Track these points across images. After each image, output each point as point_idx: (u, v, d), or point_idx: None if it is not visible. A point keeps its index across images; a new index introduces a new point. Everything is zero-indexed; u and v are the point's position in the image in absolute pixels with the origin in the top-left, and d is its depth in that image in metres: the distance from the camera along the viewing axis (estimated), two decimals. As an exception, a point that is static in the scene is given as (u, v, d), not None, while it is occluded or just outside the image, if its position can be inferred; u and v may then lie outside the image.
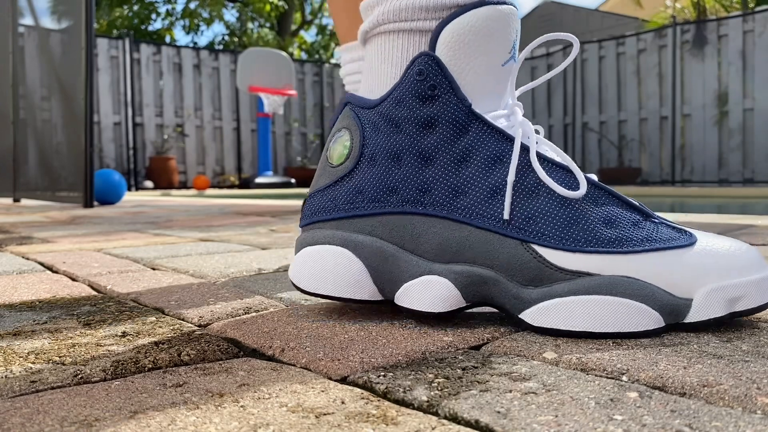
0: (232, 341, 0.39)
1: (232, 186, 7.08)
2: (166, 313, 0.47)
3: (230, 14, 12.26)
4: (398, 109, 0.41)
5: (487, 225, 0.39)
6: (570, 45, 7.37)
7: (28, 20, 2.94)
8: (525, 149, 0.40)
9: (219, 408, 0.27)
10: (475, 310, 0.45)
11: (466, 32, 0.40)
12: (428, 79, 0.40)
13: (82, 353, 0.36)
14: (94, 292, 0.56)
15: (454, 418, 0.26)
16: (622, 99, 6.94)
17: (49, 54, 2.73)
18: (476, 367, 0.32)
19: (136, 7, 10.82)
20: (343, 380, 0.31)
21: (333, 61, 9.51)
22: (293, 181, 6.73)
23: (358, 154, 0.43)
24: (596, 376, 0.30)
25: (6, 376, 0.32)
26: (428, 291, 0.40)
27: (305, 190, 6.37)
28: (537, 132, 0.42)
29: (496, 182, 0.40)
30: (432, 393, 0.28)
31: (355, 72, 0.67)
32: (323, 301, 0.49)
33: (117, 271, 0.67)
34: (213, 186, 7.06)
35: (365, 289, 0.42)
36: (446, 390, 0.29)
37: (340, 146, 0.44)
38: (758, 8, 7.12)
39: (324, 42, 12.10)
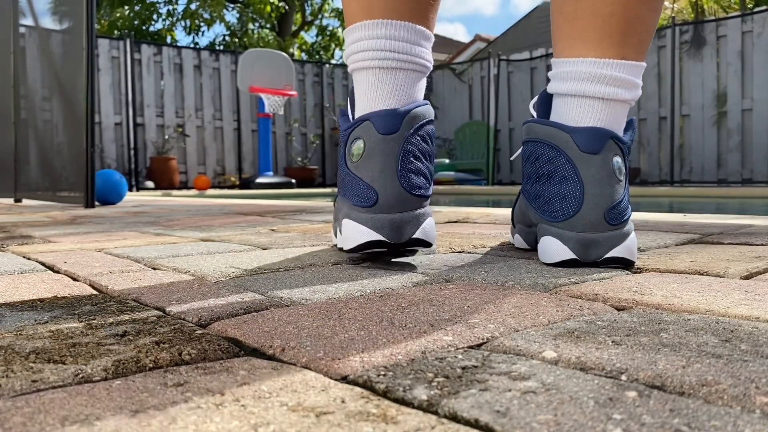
0: (232, 341, 0.39)
1: (232, 186, 7.08)
2: (167, 312, 0.47)
3: (231, 15, 12.27)
4: None
5: None
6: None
7: (29, 21, 2.94)
8: None
9: (219, 407, 0.27)
10: (473, 305, 0.45)
11: None
12: None
13: (83, 353, 0.36)
14: (95, 292, 0.56)
15: (454, 417, 0.26)
16: (622, 99, 6.92)
17: (50, 54, 2.74)
18: (476, 367, 0.32)
19: (137, 8, 10.82)
20: (343, 379, 0.31)
21: (333, 61, 9.51)
22: (293, 181, 6.73)
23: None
24: (595, 375, 0.30)
25: (7, 376, 0.32)
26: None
27: (305, 190, 6.37)
28: None
29: None
30: (432, 392, 0.28)
31: (361, 51, 0.68)
32: (323, 300, 0.49)
33: (118, 271, 0.67)
34: (214, 186, 7.06)
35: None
36: (446, 389, 0.29)
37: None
38: (757, 9, 7.12)
39: (324, 43, 12.10)
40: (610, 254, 0.64)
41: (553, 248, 0.65)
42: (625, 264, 0.65)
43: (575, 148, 0.65)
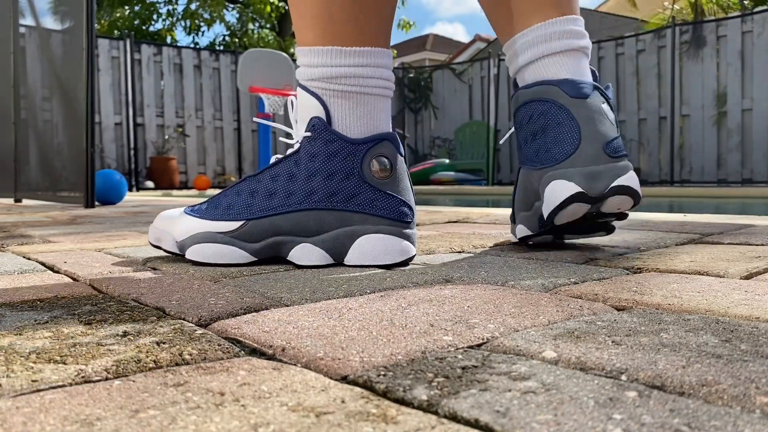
0: (232, 340, 0.39)
1: (232, 186, 7.08)
2: (167, 312, 0.47)
3: (231, 15, 12.25)
4: None
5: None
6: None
7: (29, 21, 2.94)
8: None
9: (219, 407, 0.27)
10: (473, 305, 0.45)
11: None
12: None
13: (84, 353, 0.36)
14: (95, 292, 0.56)
15: (454, 417, 0.26)
16: (621, 99, 6.94)
17: (50, 54, 2.74)
18: (476, 367, 0.32)
19: (137, 8, 10.82)
20: (343, 379, 0.31)
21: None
22: (293, 181, 6.72)
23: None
24: (595, 375, 0.30)
25: (7, 376, 0.32)
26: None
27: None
28: None
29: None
30: (432, 392, 0.28)
31: (371, 77, 0.70)
32: (323, 300, 0.49)
33: (118, 271, 0.67)
34: (214, 186, 7.06)
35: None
36: (446, 389, 0.29)
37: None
38: (757, 9, 7.12)
39: (324, 42, 12.07)
40: (615, 183, 0.65)
41: (559, 188, 0.67)
42: (631, 195, 0.66)
43: (565, 95, 0.70)
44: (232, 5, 10.95)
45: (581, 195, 0.65)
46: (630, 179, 0.66)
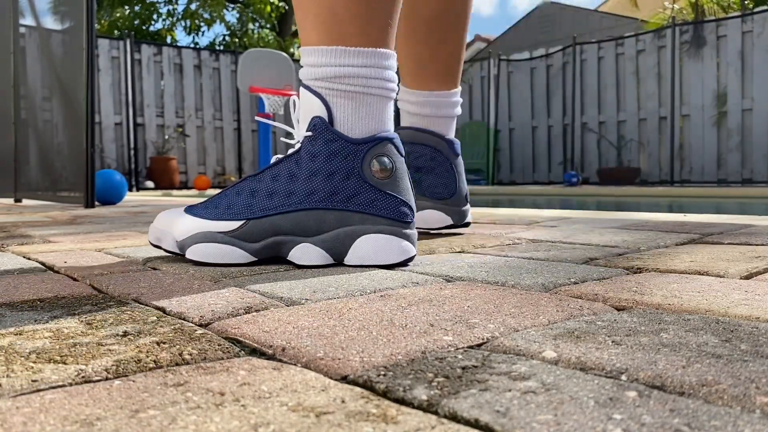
0: (233, 340, 0.39)
1: (232, 186, 7.07)
2: (167, 312, 0.47)
3: (231, 15, 12.25)
4: None
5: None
6: (570, 45, 7.37)
7: (29, 21, 2.94)
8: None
9: (220, 407, 0.27)
10: (473, 305, 0.45)
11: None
12: None
13: (84, 353, 0.36)
14: (95, 292, 0.56)
15: (454, 417, 0.26)
16: (621, 99, 6.95)
17: (50, 54, 2.73)
18: (476, 367, 0.32)
19: (137, 8, 10.82)
20: (344, 379, 0.31)
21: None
22: (293, 181, 6.72)
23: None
24: (595, 375, 0.30)
25: (8, 376, 0.32)
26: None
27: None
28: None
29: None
30: (432, 392, 0.28)
31: (374, 78, 0.71)
32: (323, 300, 0.50)
33: (118, 271, 0.67)
34: (214, 186, 7.06)
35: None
36: (446, 389, 0.29)
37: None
38: (757, 9, 7.13)
39: (324, 42, 12.06)
40: (467, 219, 1.01)
41: (438, 217, 0.99)
42: (469, 225, 1.02)
43: (450, 152, 1.01)
44: (232, 5, 10.94)
45: (452, 225, 1.00)
46: (470, 215, 1.03)
